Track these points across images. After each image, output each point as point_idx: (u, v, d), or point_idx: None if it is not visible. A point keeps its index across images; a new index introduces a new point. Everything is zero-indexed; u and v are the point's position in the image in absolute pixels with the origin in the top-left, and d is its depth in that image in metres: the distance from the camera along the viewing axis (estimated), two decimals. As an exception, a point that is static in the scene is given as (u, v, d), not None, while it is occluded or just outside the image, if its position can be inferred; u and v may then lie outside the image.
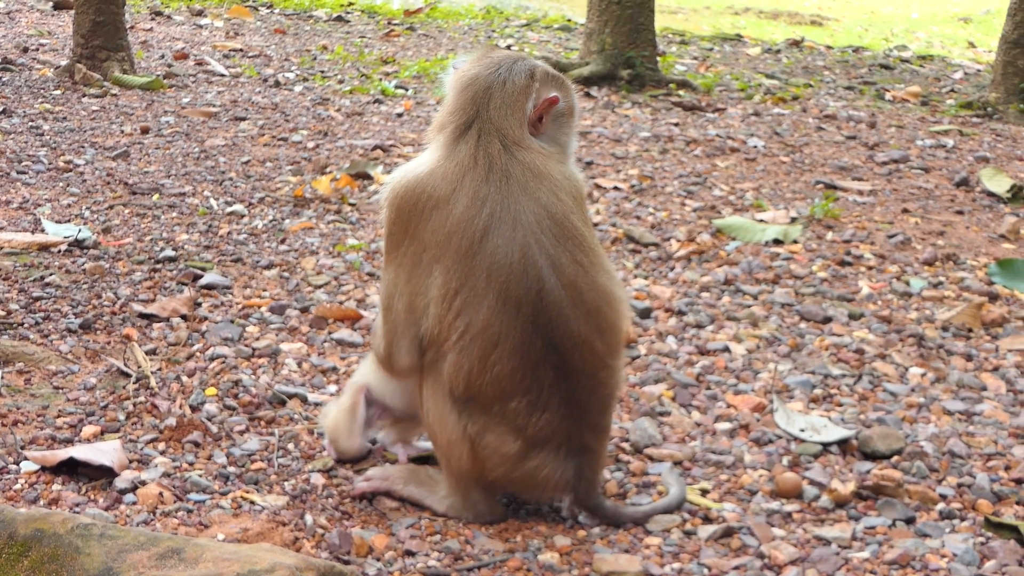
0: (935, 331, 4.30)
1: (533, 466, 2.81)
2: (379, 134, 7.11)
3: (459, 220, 2.66)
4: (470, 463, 2.83)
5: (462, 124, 2.78)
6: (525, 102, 2.80)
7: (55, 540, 2.36)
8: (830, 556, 2.79)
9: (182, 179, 6.01)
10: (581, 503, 2.90)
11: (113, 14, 8.56)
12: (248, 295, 4.40)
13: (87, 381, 3.62)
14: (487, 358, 2.68)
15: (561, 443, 2.80)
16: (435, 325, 2.71)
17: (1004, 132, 8.29)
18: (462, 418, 2.78)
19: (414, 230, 2.70)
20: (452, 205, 2.67)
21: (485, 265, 2.65)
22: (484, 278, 2.65)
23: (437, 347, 2.74)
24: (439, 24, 13.17)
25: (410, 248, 2.72)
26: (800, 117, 8.23)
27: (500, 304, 2.66)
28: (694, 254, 4.99)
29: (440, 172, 2.72)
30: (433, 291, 2.69)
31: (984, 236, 5.59)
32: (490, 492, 2.92)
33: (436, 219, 2.68)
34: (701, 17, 18.03)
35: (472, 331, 2.67)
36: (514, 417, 2.74)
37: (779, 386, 3.78)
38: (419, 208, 2.70)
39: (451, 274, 2.66)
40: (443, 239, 2.67)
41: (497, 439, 2.78)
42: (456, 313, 2.67)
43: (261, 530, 2.75)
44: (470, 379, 2.71)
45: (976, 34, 17.24)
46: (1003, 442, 3.45)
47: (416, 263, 2.72)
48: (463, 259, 2.65)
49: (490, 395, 2.73)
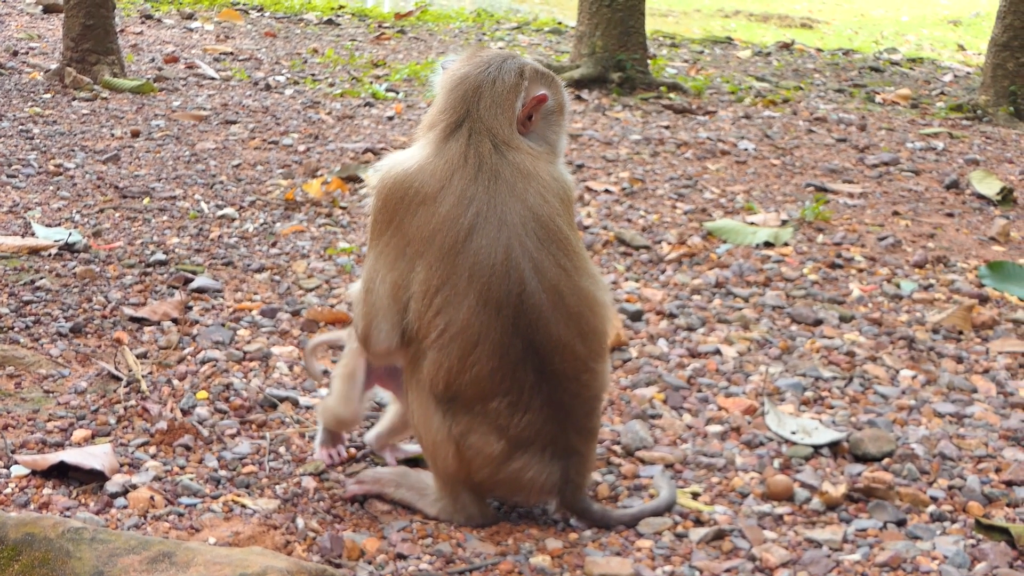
0: (926, 333, 4.31)
1: (517, 467, 2.81)
2: (370, 137, 7.11)
3: (445, 218, 2.67)
4: (456, 464, 2.83)
5: (453, 123, 2.77)
6: (515, 100, 2.80)
7: (46, 544, 2.36)
8: (821, 558, 2.79)
9: (173, 182, 6.00)
10: (568, 506, 2.90)
11: (103, 17, 8.55)
12: (239, 298, 4.40)
13: (78, 385, 3.62)
14: (466, 357, 2.68)
15: (546, 445, 2.80)
16: (415, 320, 2.71)
17: (994, 134, 8.31)
18: (446, 419, 2.78)
19: (399, 223, 2.71)
20: (439, 203, 2.67)
21: (468, 264, 2.65)
22: (466, 277, 2.65)
23: (418, 344, 2.74)
24: (429, 27, 13.17)
25: (393, 239, 2.72)
26: (790, 120, 8.24)
27: (481, 304, 2.66)
28: (685, 257, 5.00)
29: (429, 169, 2.72)
30: (415, 286, 2.69)
31: (974, 238, 5.60)
32: (479, 494, 2.92)
33: (422, 215, 2.68)
34: (691, 20, 18.05)
35: (452, 329, 2.67)
36: (496, 417, 2.74)
37: (770, 388, 3.78)
38: (405, 202, 2.70)
39: (433, 271, 2.66)
40: (427, 235, 2.67)
41: (480, 439, 2.77)
42: (436, 310, 2.67)
43: (252, 534, 2.75)
44: (449, 377, 2.71)
45: (966, 37, 17.28)
46: (993, 444, 3.45)
47: (399, 255, 2.72)
48: (446, 257, 2.65)
49: (470, 394, 2.73)
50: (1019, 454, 3.39)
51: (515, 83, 2.81)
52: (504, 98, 2.79)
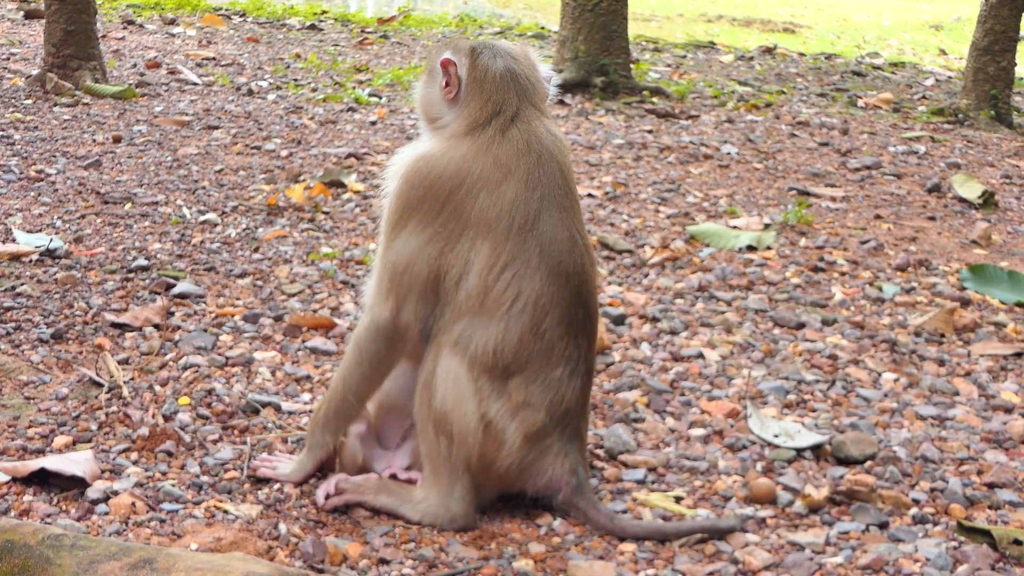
0: (908, 336, 4.32)
1: (547, 445, 2.89)
2: (353, 142, 7.10)
3: (513, 201, 2.83)
4: (480, 450, 2.87)
5: (509, 116, 2.91)
6: (546, 85, 3.03)
7: (26, 551, 2.35)
8: (804, 561, 2.80)
9: (155, 188, 5.98)
10: (579, 494, 2.94)
11: (84, 23, 8.52)
12: (221, 304, 4.39)
13: (59, 391, 3.60)
14: (539, 326, 2.84)
15: (568, 423, 2.92)
16: (478, 296, 2.83)
17: (975, 138, 8.34)
18: (490, 399, 2.84)
19: (454, 208, 2.83)
20: (504, 187, 2.84)
21: (538, 242, 2.83)
22: (537, 254, 2.83)
23: (470, 318, 2.82)
24: (412, 32, 13.17)
25: (448, 223, 2.84)
26: (773, 124, 8.26)
27: (552, 277, 2.84)
28: (668, 261, 5.00)
29: (491, 158, 2.86)
30: (475, 265, 2.82)
31: (956, 242, 5.62)
32: (480, 489, 2.94)
33: (484, 199, 2.82)
34: (674, 24, 18.08)
35: (523, 301, 2.83)
36: (556, 387, 2.87)
37: (753, 392, 3.79)
38: (464, 189, 2.83)
39: (500, 249, 2.82)
40: (492, 217, 2.82)
41: (529, 415, 2.86)
42: (506, 284, 2.82)
43: (235, 539, 2.74)
44: (520, 347, 2.83)
45: (947, 41, 17.36)
46: (975, 447, 3.46)
47: (452, 238, 2.84)
48: (515, 236, 2.82)
49: (538, 364, 2.85)
50: (1001, 456, 3.40)
51: (538, 67, 3.02)
52: (541, 84, 3.01)
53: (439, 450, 2.91)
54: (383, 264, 2.93)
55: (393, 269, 2.89)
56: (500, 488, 2.99)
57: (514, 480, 2.95)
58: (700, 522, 2.96)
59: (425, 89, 3.05)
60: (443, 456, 2.91)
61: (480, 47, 3.00)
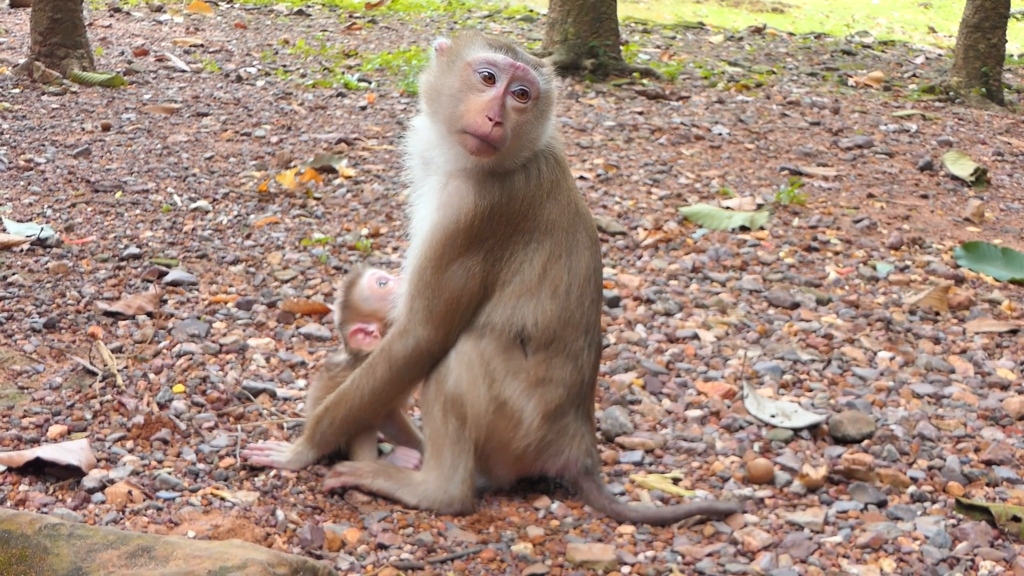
0: (902, 315, 4.31)
1: (565, 424, 2.93)
2: (343, 127, 7.08)
3: (568, 201, 3.02)
4: (495, 431, 2.89)
5: None
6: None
7: (23, 541, 2.33)
8: (803, 541, 2.79)
9: (145, 176, 5.96)
10: (587, 475, 2.95)
11: (71, 11, 8.48)
12: (214, 291, 4.37)
13: (53, 380, 3.59)
14: (584, 295, 2.98)
15: (580, 402, 2.97)
16: (534, 281, 2.93)
17: (966, 116, 8.33)
18: (505, 380, 2.88)
19: (524, 218, 2.96)
20: (561, 194, 3.01)
21: (584, 227, 3.02)
22: (586, 236, 3.02)
23: (516, 301, 2.92)
24: (401, 16, 13.13)
25: (515, 234, 2.96)
26: (764, 104, 8.25)
27: (592, 251, 3.03)
28: (661, 242, 4.99)
29: (545, 175, 3.00)
30: (538, 257, 2.95)
31: (949, 219, 5.62)
32: (496, 474, 2.98)
33: (549, 207, 2.98)
34: (663, 6, 18.04)
35: (573, 276, 2.97)
36: (576, 357, 2.95)
37: (749, 372, 3.78)
38: (533, 204, 2.97)
39: (560, 240, 2.98)
40: (553, 218, 2.98)
41: (550, 391, 2.90)
42: (566, 268, 2.96)
43: (232, 526, 2.73)
44: (563, 317, 2.94)
45: (936, 19, 17.34)
46: (972, 424, 3.46)
47: (516, 248, 2.95)
48: (569, 228, 3.00)
49: (566, 334, 2.94)
50: (998, 433, 3.40)
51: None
52: None
53: (446, 432, 2.90)
54: (436, 289, 2.91)
55: (450, 294, 2.91)
56: (517, 471, 2.99)
57: (532, 462, 2.95)
58: (699, 504, 2.96)
59: (440, 79, 2.94)
60: (450, 439, 2.90)
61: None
